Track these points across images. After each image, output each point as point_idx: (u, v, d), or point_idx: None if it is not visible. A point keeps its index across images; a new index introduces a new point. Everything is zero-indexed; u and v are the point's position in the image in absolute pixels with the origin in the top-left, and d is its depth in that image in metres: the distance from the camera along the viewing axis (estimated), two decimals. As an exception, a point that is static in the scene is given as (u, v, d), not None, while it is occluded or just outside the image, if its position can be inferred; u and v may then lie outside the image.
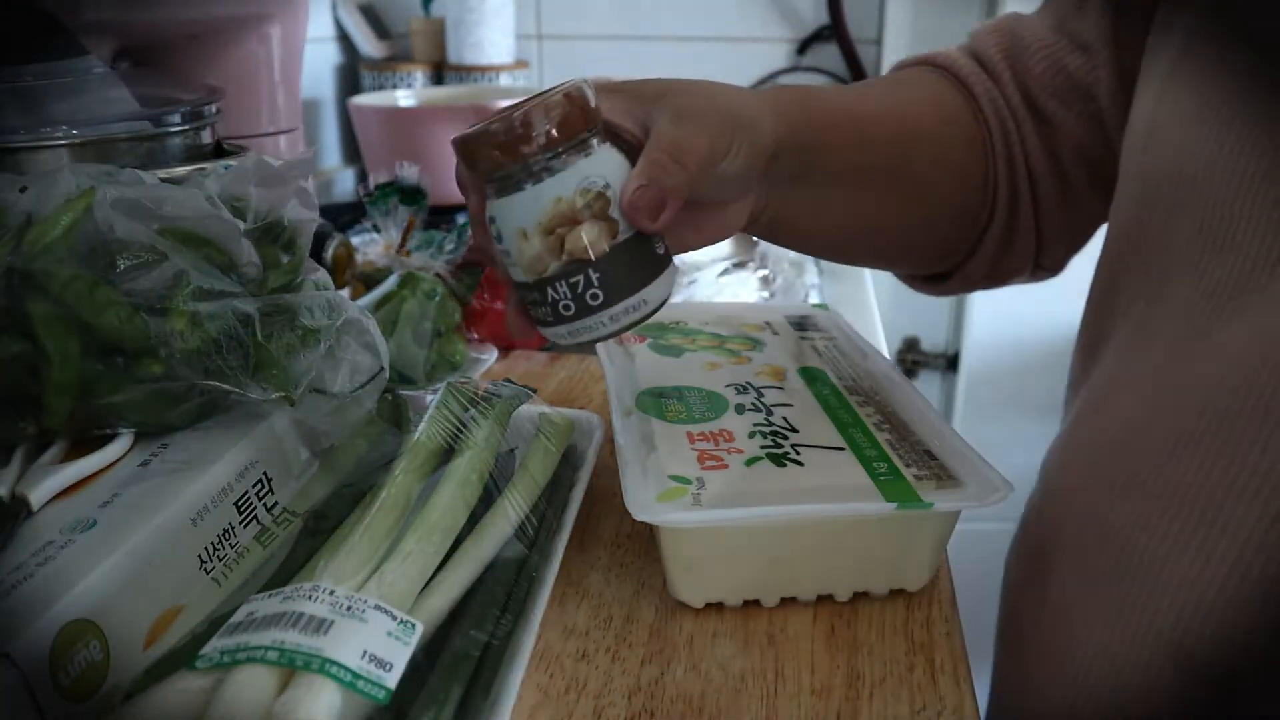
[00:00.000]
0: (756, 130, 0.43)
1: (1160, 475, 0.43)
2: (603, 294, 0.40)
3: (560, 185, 0.38)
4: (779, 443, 0.47)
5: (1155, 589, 0.43)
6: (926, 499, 0.42)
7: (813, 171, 0.49)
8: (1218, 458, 0.40)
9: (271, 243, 0.48)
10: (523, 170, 0.39)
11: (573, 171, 0.39)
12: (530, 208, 0.39)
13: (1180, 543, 0.42)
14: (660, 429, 0.48)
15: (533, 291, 0.41)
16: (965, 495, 0.43)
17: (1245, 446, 0.39)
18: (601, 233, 0.39)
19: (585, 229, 0.39)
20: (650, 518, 0.41)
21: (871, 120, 0.53)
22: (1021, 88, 0.57)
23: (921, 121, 0.56)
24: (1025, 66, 0.56)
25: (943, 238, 0.59)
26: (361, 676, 0.33)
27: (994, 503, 0.43)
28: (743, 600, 0.45)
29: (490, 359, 0.74)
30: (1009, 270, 0.61)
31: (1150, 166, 0.45)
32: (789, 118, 0.46)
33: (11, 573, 0.35)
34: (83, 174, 0.44)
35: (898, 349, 1.61)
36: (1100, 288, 0.52)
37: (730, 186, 0.44)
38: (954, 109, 0.57)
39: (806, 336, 0.61)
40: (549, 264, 0.39)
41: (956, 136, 0.56)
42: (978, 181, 0.57)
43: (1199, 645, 0.42)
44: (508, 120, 0.38)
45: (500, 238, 0.40)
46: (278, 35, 0.80)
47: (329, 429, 0.48)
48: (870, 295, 1.00)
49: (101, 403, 0.42)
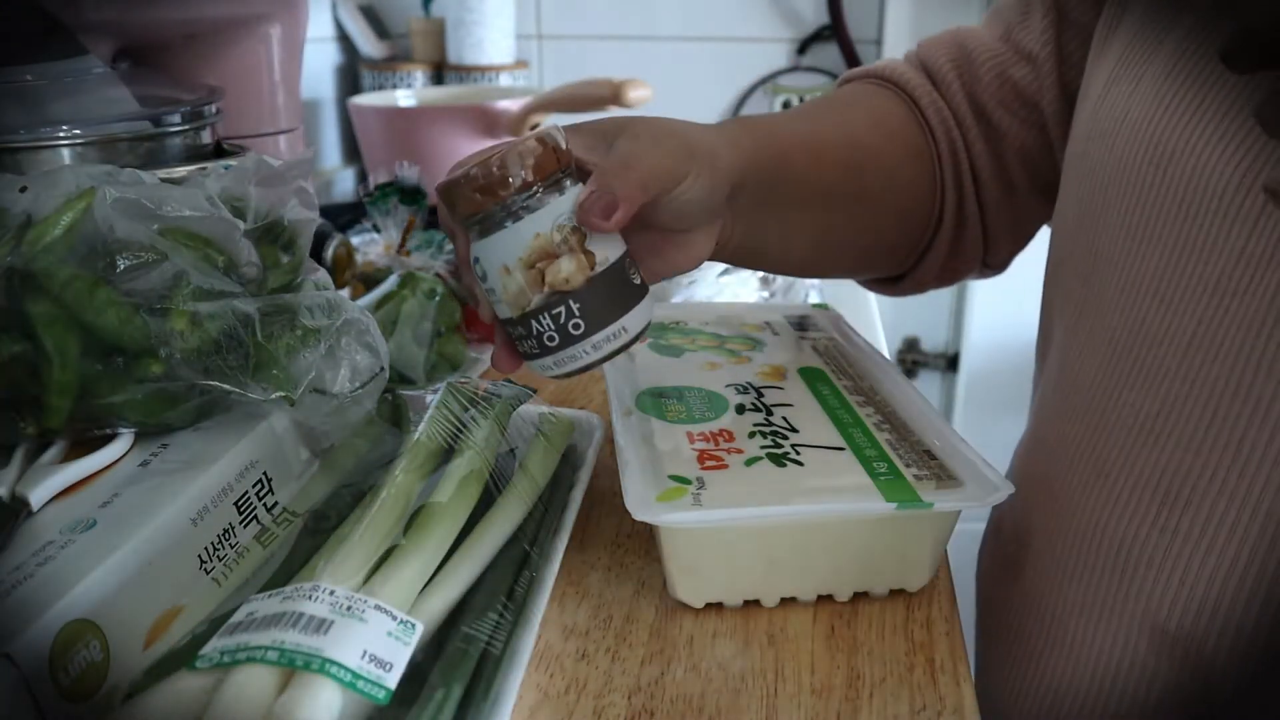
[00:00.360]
0: (715, 159, 0.45)
1: (1125, 464, 0.44)
2: (584, 323, 0.42)
3: (538, 222, 0.41)
4: (779, 443, 0.47)
5: (1128, 572, 0.44)
6: (926, 499, 0.42)
7: (774, 199, 0.51)
8: (1177, 444, 0.42)
9: (271, 243, 0.48)
10: (502, 210, 0.41)
11: (549, 209, 0.41)
12: (512, 244, 0.41)
13: (1148, 524, 0.43)
14: (660, 429, 0.48)
15: (518, 326, 0.42)
16: (965, 495, 0.43)
17: (1202, 432, 0.41)
18: (579, 265, 0.41)
19: (563, 262, 0.41)
20: (650, 518, 0.41)
21: (825, 145, 0.55)
22: (970, 97, 0.59)
23: (871, 141, 0.57)
24: (974, 76, 0.58)
25: (895, 245, 0.61)
26: (361, 676, 0.33)
27: (994, 503, 0.43)
28: (743, 600, 0.45)
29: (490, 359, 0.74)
30: (958, 270, 0.63)
31: (1090, 165, 0.47)
32: (746, 150, 0.48)
33: (11, 573, 0.35)
34: (83, 174, 0.44)
35: (898, 349, 1.61)
36: (1045, 290, 0.55)
37: (693, 214, 0.45)
38: (900, 124, 0.59)
39: (806, 336, 0.61)
40: (531, 297, 0.41)
41: (905, 151, 0.58)
42: (926, 190, 0.59)
43: (1173, 622, 0.43)
44: (486, 165, 0.40)
45: (485, 276, 0.42)
46: (278, 35, 0.80)
47: (329, 429, 0.48)
48: (870, 295, 1.00)
49: (101, 403, 0.42)
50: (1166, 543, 0.43)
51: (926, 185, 0.59)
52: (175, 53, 0.75)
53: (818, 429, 0.48)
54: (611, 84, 1.02)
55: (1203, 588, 0.42)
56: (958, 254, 0.61)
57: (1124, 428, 0.44)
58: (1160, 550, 0.43)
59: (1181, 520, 0.42)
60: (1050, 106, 0.55)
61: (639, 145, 0.42)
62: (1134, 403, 0.44)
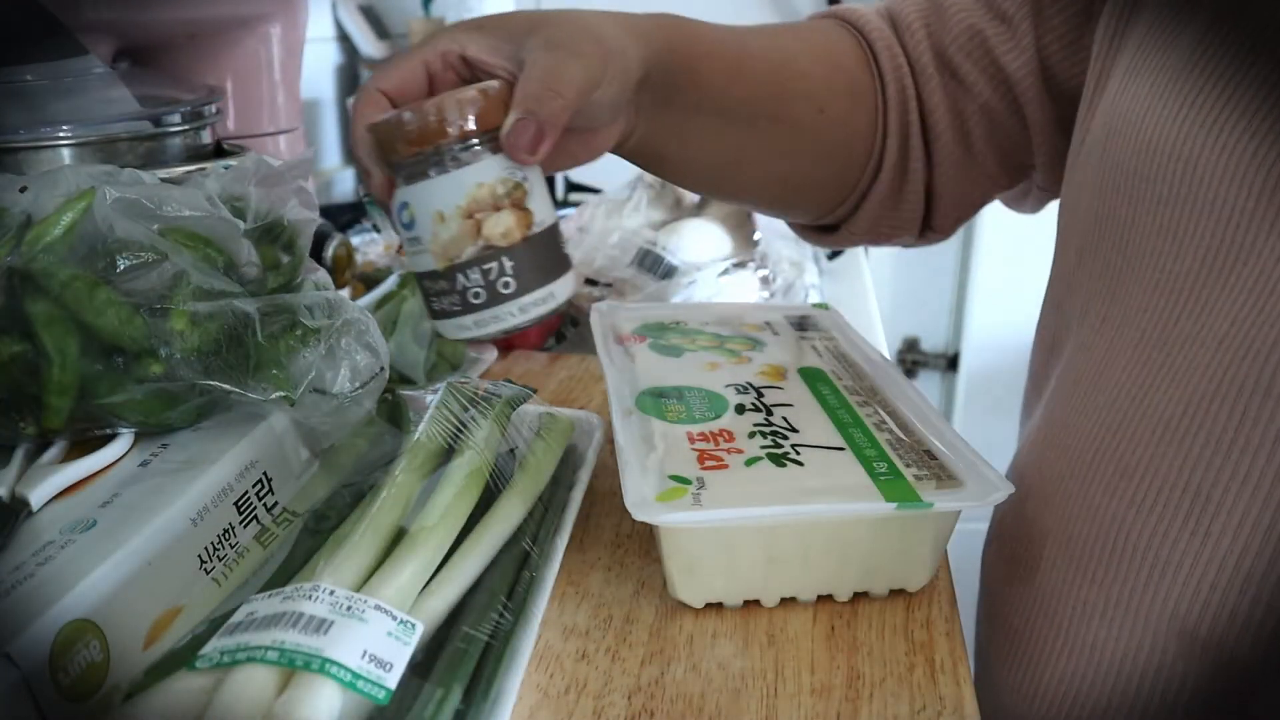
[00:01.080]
0: (625, 57, 0.43)
1: (1151, 464, 0.43)
2: (515, 283, 0.40)
3: (482, 171, 0.40)
4: (779, 443, 0.47)
5: (1155, 573, 0.44)
6: (926, 499, 0.42)
7: (679, 98, 0.50)
8: (1205, 444, 0.41)
9: (271, 243, 0.48)
10: (439, 155, 0.40)
11: (496, 161, 0.40)
12: (451, 191, 0.40)
13: (1177, 525, 0.43)
14: (660, 429, 0.48)
15: (440, 280, 0.41)
16: (965, 495, 0.43)
17: (1231, 432, 0.40)
18: (518, 221, 0.40)
19: (504, 215, 0.40)
20: (650, 517, 0.41)
21: (749, 56, 0.53)
22: (935, 46, 0.57)
23: (803, 65, 0.56)
24: (942, 26, 0.57)
25: (821, 186, 0.59)
26: (361, 676, 0.33)
27: (994, 503, 0.43)
28: (743, 600, 0.45)
29: (490, 359, 0.74)
30: (896, 228, 0.62)
31: (1113, 159, 0.46)
32: (655, 43, 0.46)
33: (11, 573, 0.35)
34: (83, 174, 0.44)
35: (898, 349, 1.61)
36: (1058, 286, 0.54)
37: (601, 114, 0.44)
38: (845, 59, 0.57)
39: (807, 336, 0.61)
40: (465, 247, 0.40)
41: (842, 86, 0.57)
42: (863, 131, 0.57)
43: (1203, 626, 0.42)
44: (423, 109, 0.39)
45: (411, 223, 0.41)
46: (278, 35, 0.80)
47: (329, 429, 0.48)
48: (870, 295, 1.00)
49: (101, 403, 0.42)
50: (1198, 545, 0.42)
51: (864, 126, 0.57)
52: (175, 53, 0.75)
53: (818, 429, 0.48)
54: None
55: (1235, 593, 0.41)
56: (897, 208, 0.60)
57: (1149, 427, 0.43)
58: (1190, 553, 0.42)
59: (1214, 523, 0.41)
60: (1021, 70, 0.54)
61: (558, 57, 0.41)
62: (1161, 403, 0.43)
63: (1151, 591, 0.44)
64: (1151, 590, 0.44)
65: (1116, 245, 0.46)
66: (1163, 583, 0.44)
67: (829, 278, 1.02)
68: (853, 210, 0.61)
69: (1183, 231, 0.42)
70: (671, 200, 0.90)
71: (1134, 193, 0.45)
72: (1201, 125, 0.41)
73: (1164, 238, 0.43)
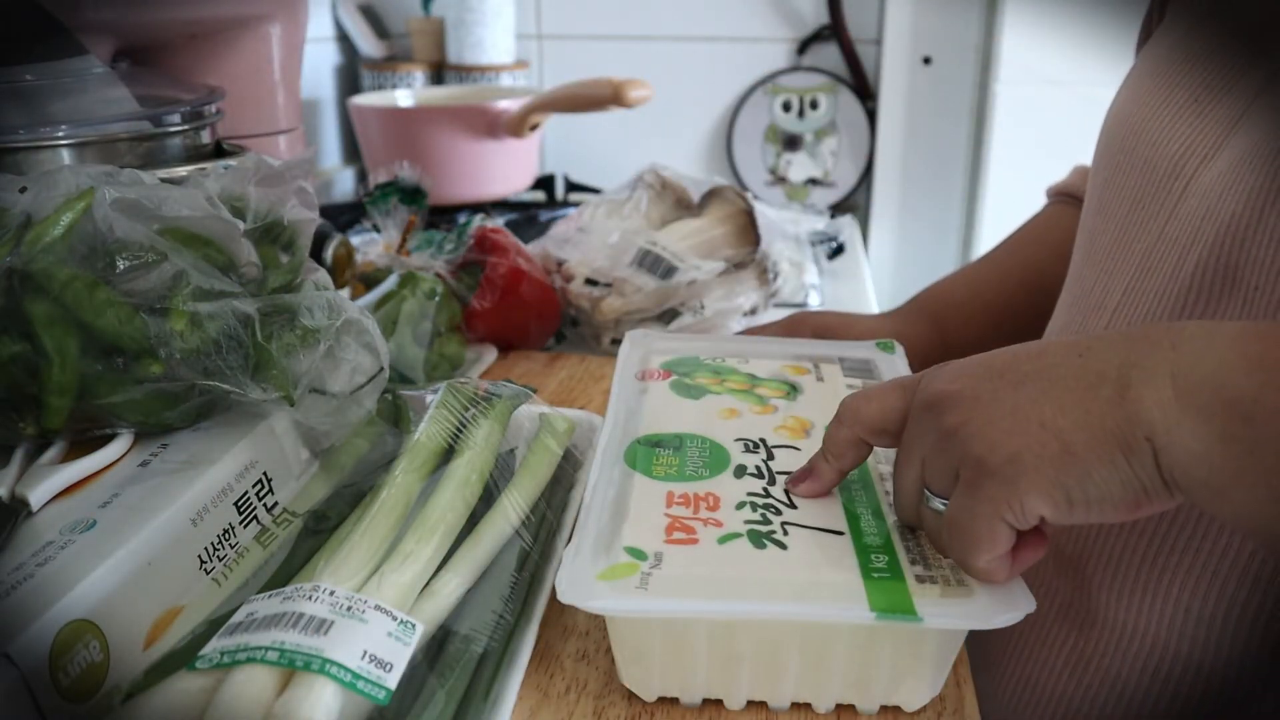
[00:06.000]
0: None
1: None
2: None
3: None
4: (768, 518, 0.40)
5: (1154, 574, 0.44)
6: (920, 610, 0.35)
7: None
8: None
9: (271, 243, 0.48)
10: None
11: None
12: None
13: (1177, 526, 0.43)
14: (640, 487, 0.43)
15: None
16: (969, 610, 0.35)
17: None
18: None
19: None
20: (578, 601, 0.35)
21: (1009, 298, 0.66)
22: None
23: (1059, 269, 0.60)
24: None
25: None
26: (361, 677, 0.33)
27: (1003, 624, 0.35)
28: (701, 699, 0.39)
29: (490, 359, 0.74)
30: None
31: (1094, 156, 0.53)
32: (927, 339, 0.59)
33: (11, 573, 0.35)
34: (83, 174, 0.44)
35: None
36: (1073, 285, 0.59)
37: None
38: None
39: (854, 386, 0.52)
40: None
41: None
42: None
43: (1203, 627, 0.42)
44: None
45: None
46: (278, 35, 0.80)
47: (329, 429, 0.48)
48: (870, 295, 1.00)
49: (101, 403, 0.42)
50: (1196, 546, 0.42)
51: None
52: (175, 53, 0.75)
53: (820, 505, 0.41)
54: (612, 84, 1.01)
55: (1237, 592, 0.41)
56: None
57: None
58: (1190, 554, 0.42)
59: (1213, 523, 0.42)
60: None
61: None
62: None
63: (1151, 592, 0.44)
64: (1151, 591, 0.44)
65: (1081, 225, 0.52)
66: (1161, 584, 0.44)
67: (829, 278, 1.02)
68: None
69: (1110, 208, 0.48)
70: (671, 200, 0.90)
71: (1094, 178, 0.51)
72: (1142, 115, 0.47)
73: (1099, 215, 0.49)
